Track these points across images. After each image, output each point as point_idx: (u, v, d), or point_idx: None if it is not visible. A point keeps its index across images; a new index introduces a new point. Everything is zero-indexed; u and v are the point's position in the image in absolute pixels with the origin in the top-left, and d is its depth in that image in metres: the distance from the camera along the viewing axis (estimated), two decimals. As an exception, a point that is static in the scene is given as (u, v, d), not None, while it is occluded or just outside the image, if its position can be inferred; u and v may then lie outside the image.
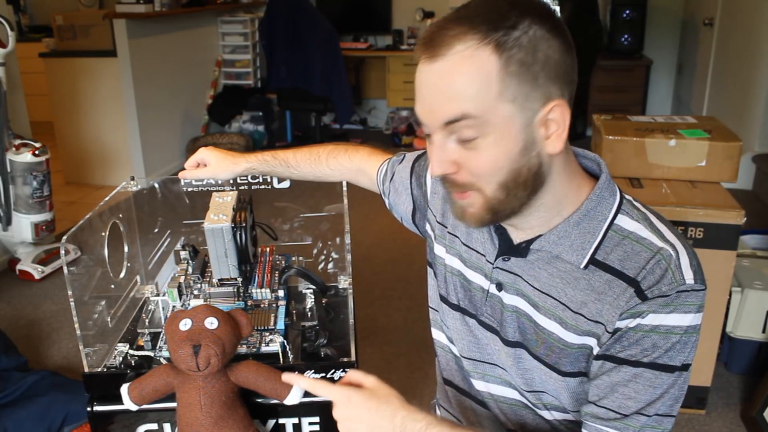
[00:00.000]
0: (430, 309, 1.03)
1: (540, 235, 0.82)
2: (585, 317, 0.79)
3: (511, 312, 0.86)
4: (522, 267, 0.84)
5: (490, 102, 0.71)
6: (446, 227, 0.97)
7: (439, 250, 0.99)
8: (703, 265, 0.79)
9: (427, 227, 1.03)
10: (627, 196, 0.84)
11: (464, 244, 0.93)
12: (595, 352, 0.80)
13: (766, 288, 2.12)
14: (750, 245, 2.56)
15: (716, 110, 4.17)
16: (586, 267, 0.79)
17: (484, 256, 0.89)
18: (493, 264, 0.87)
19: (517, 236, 0.85)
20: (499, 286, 0.87)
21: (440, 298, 0.98)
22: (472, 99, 0.71)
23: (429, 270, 1.03)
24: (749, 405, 2.04)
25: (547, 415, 0.88)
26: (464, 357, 0.95)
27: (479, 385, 0.94)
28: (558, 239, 0.81)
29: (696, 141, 1.91)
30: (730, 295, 2.05)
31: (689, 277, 0.76)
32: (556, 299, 0.81)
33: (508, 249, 0.85)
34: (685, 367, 0.77)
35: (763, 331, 2.15)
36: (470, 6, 0.74)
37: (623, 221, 0.80)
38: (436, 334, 1.02)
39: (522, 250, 0.84)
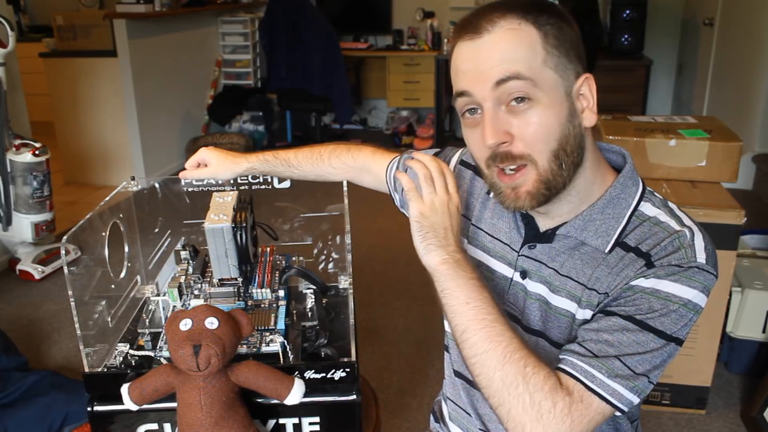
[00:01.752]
0: None
1: (566, 222, 0.84)
2: (597, 291, 0.81)
3: (534, 300, 0.87)
4: (547, 253, 0.86)
5: (537, 66, 0.76)
6: (470, 219, 0.98)
7: None
8: None
9: None
10: (649, 188, 0.86)
11: (489, 235, 0.94)
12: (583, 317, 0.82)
13: (766, 288, 2.12)
14: (750, 245, 2.55)
15: (716, 110, 4.17)
16: (611, 251, 0.81)
17: (508, 245, 0.91)
18: (518, 252, 0.89)
19: (543, 225, 0.87)
20: (524, 274, 0.88)
21: None
22: (521, 60, 0.76)
23: None
24: (749, 405, 2.04)
25: None
26: None
27: None
28: (584, 224, 0.83)
29: (696, 141, 1.91)
30: (730, 295, 2.05)
31: (701, 257, 0.78)
32: (575, 281, 0.83)
33: (535, 237, 0.88)
34: (676, 341, 0.76)
35: (763, 331, 2.15)
36: (497, 2, 0.80)
37: (646, 207, 0.83)
38: (449, 326, 1.03)
39: (548, 236, 0.86)
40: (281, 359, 1.08)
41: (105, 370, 1.09)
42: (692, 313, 0.76)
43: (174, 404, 1.01)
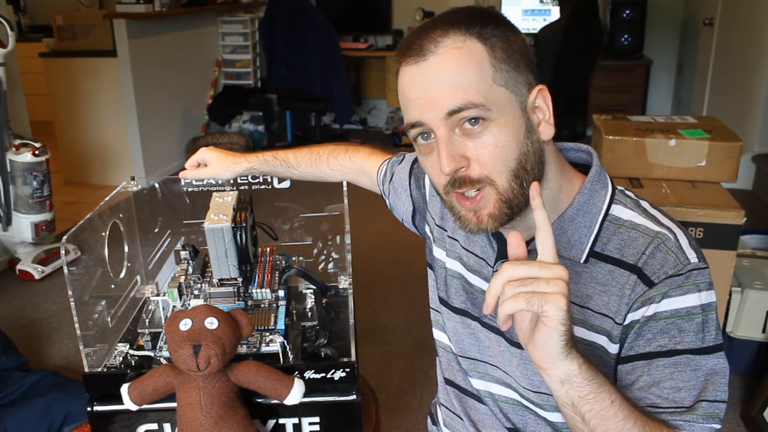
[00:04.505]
0: (431, 310, 1.03)
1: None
2: (592, 310, 0.79)
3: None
4: None
5: (488, 86, 0.73)
6: (446, 230, 0.97)
7: (438, 253, 0.98)
8: None
9: (427, 229, 1.03)
10: (619, 186, 0.84)
11: (464, 248, 0.92)
12: (610, 351, 0.78)
13: (766, 288, 2.12)
14: (750, 245, 2.55)
15: (716, 110, 4.17)
16: (586, 261, 0.79)
17: (483, 259, 0.89)
18: (493, 267, 0.87)
19: None
20: None
21: (440, 301, 0.98)
22: (472, 85, 0.72)
23: (429, 271, 1.03)
24: (749, 405, 2.04)
25: (551, 416, 0.87)
26: (462, 356, 0.95)
27: (477, 384, 0.94)
28: (555, 237, 0.80)
29: (696, 141, 1.91)
30: (730, 295, 2.05)
31: (692, 256, 0.76)
32: None
33: (507, 252, 0.85)
34: (720, 347, 0.76)
35: (763, 331, 2.15)
36: (435, 18, 0.77)
37: (618, 211, 0.80)
38: (438, 335, 1.02)
39: None
40: (281, 359, 1.08)
41: (105, 370, 1.09)
42: (713, 313, 0.76)
43: (174, 404, 1.01)
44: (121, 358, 1.11)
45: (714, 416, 0.75)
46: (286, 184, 1.31)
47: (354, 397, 1.07)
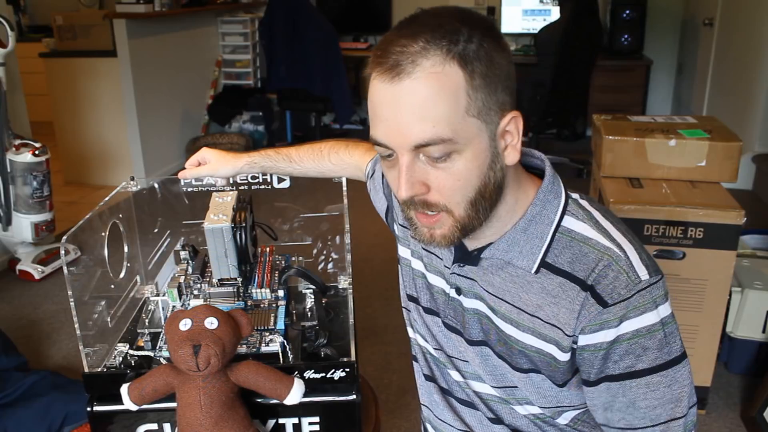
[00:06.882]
0: (403, 309, 1.04)
1: (491, 243, 0.82)
2: (541, 320, 0.80)
3: (473, 315, 0.87)
4: (476, 273, 0.85)
5: (459, 119, 0.70)
6: (409, 230, 0.97)
7: (403, 251, 0.99)
8: (702, 265, 0.80)
9: (395, 227, 1.04)
10: (573, 195, 0.83)
11: (424, 249, 0.94)
12: (560, 359, 0.80)
13: (766, 288, 2.12)
14: (750, 245, 2.55)
15: (716, 110, 4.17)
16: (537, 271, 0.80)
17: (442, 260, 0.90)
18: (450, 269, 0.88)
19: (471, 245, 0.85)
20: (458, 291, 0.88)
21: (408, 298, 0.99)
22: (444, 119, 0.69)
23: (399, 269, 1.03)
24: (749, 405, 2.04)
25: (521, 410, 0.89)
26: (440, 350, 0.96)
27: (456, 376, 0.95)
28: (508, 246, 0.81)
29: (696, 141, 1.91)
30: (730, 295, 2.05)
31: (643, 273, 0.75)
32: (510, 303, 0.82)
33: (463, 256, 0.86)
34: (684, 355, 0.77)
35: (763, 331, 2.15)
36: (418, 21, 0.72)
37: (569, 222, 0.80)
38: (411, 333, 1.03)
39: (474, 258, 0.84)
40: (281, 359, 1.08)
41: (105, 370, 1.09)
42: (672, 324, 0.77)
43: (174, 404, 1.01)
44: (120, 359, 1.11)
45: (692, 423, 0.79)
46: (285, 184, 1.31)
47: (354, 397, 1.07)
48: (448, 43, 0.69)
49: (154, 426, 1.08)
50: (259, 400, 1.06)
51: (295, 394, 1.02)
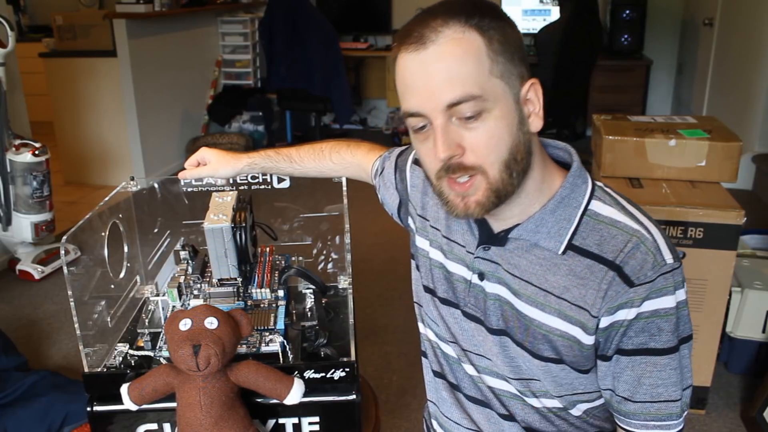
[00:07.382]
0: (415, 305, 1.03)
1: (518, 224, 0.84)
2: (568, 302, 0.81)
3: (494, 300, 0.87)
4: (502, 256, 0.86)
5: (485, 78, 0.75)
6: (428, 220, 0.98)
7: (421, 242, 0.99)
8: (702, 265, 0.81)
9: (410, 221, 1.04)
10: (598, 183, 0.86)
11: (444, 237, 0.94)
12: (585, 342, 0.82)
13: (766, 288, 2.12)
14: (750, 245, 2.56)
15: (716, 110, 4.17)
16: (564, 253, 0.82)
17: (464, 247, 0.91)
18: (473, 254, 0.89)
19: (497, 226, 0.87)
20: (481, 276, 0.88)
21: (425, 289, 0.99)
22: (471, 78, 0.74)
23: (412, 263, 1.03)
24: (749, 405, 2.04)
25: (535, 403, 0.89)
26: (454, 343, 0.96)
27: (471, 370, 0.95)
28: (535, 227, 0.83)
29: (696, 141, 1.91)
30: (730, 295, 2.05)
31: (668, 257, 0.79)
32: (536, 286, 0.83)
33: (488, 239, 0.87)
34: (691, 336, 0.81)
35: (763, 331, 2.15)
36: (432, 8, 0.78)
37: (597, 206, 0.83)
38: (423, 329, 1.03)
39: (501, 239, 0.86)
40: (281, 359, 1.08)
41: (104, 370, 1.09)
42: (685, 308, 0.81)
43: (174, 404, 1.01)
44: (120, 358, 1.11)
45: (686, 404, 0.83)
46: (285, 184, 1.31)
47: (354, 396, 1.07)
48: (465, 16, 0.75)
49: (154, 426, 1.08)
50: (259, 400, 1.06)
51: (295, 394, 1.02)
